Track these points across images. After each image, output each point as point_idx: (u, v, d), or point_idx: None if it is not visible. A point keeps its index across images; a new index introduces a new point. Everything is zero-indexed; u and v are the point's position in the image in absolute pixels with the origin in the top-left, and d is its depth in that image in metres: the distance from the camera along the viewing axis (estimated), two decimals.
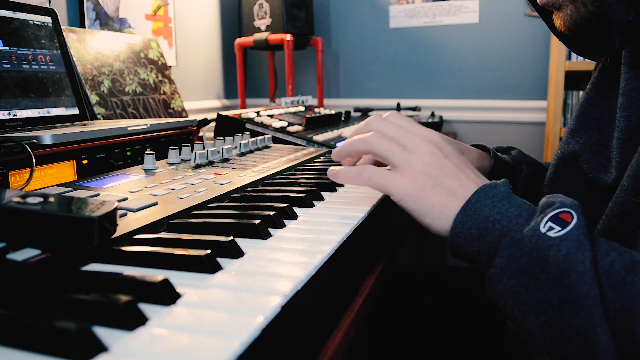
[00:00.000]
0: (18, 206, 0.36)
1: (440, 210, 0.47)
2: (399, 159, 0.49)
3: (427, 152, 0.49)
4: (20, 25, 0.80)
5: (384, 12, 2.19)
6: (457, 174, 0.48)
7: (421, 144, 0.50)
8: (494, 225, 0.43)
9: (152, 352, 0.25)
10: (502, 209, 0.43)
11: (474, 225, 0.44)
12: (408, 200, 0.48)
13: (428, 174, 0.48)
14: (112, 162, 0.71)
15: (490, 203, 0.44)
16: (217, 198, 0.56)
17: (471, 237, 0.44)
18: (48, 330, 0.25)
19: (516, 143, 2.01)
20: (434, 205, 0.47)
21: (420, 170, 0.48)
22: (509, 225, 0.42)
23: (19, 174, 0.56)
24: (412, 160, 0.48)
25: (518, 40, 2.01)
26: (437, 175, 0.48)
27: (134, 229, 0.43)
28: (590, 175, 0.55)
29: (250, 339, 0.27)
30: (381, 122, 0.52)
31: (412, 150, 0.49)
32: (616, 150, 0.51)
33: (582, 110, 0.61)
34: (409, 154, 0.49)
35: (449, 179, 0.48)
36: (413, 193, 0.47)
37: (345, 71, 2.31)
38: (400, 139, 0.50)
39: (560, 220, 0.39)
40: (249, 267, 0.37)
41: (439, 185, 0.47)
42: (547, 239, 0.39)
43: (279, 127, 1.09)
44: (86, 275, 0.34)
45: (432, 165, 0.48)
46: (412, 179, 0.47)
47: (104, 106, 1.10)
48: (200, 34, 2.09)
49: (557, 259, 0.38)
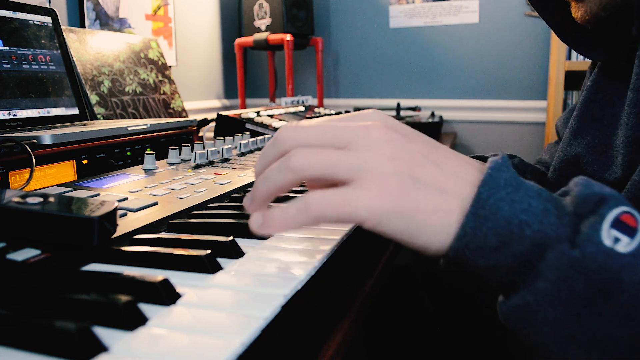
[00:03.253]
0: (18, 206, 0.36)
1: (436, 220, 0.32)
2: (350, 167, 0.33)
3: (382, 140, 0.34)
4: (20, 25, 0.80)
5: (384, 12, 2.19)
6: (434, 158, 0.35)
7: (367, 133, 0.34)
8: (522, 229, 0.30)
9: (152, 352, 0.25)
10: (523, 203, 0.31)
11: (492, 231, 0.31)
12: (389, 220, 0.32)
13: (399, 173, 0.33)
14: (112, 162, 0.71)
15: (507, 196, 0.31)
16: (217, 198, 0.56)
17: (487, 248, 0.31)
18: (48, 330, 0.25)
19: (516, 143, 2.02)
20: (426, 214, 0.32)
21: (386, 170, 0.33)
22: (544, 229, 0.30)
23: (19, 174, 0.56)
24: (369, 161, 0.33)
25: (518, 40, 2.01)
26: (411, 169, 0.33)
27: (134, 229, 0.43)
28: (595, 178, 0.54)
29: (250, 339, 0.27)
30: (293, 132, 0.36)
31: (359, 147, 0.34)
32: (623, 148, 0.50)
33: (583, 109, 0.60)
34: (359, 153, 0.33)
35: (428, 170, 0.34)
36: (393, 207, 0.32)
37: (345, 71, 2.31)
38: (334, 140, 0.35)
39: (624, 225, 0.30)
40: (249, 267, 0.37)
41: (420, 183, 0.33)
42: (617, 257, 0.29)
43: (278, 127, 1.09)
44: (86, 275, 0.34)
45: (398, 156, 0.33)
46: (383, 187, 0.32)
47: (104, 106, 1.10)
48: (200, 34, 2.09)
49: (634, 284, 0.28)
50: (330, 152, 0.34)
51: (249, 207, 0.37)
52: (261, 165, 0.38)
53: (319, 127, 0.36)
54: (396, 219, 0.32)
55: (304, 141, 0.35)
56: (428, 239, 0.33)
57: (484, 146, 2.10)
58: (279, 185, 0.35)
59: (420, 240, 0.33)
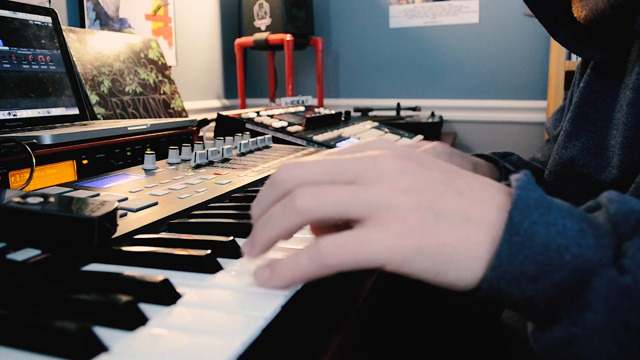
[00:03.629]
0: (18, 206, 0.36)
1: (464, 254, 0.30)
2: (362, 204, 0.30)
3: (394, 171, 0.31)
4: (20, 25, 0.80)
5: (384, 12, 2.19)
6: (454, 185, 0.32)
7: (376, 164, 0.31)
8: (561, 255, 0.28)
9: (152, 352, 0.25)
10: (558, 225, 0.28)
11: (530, 259, 0.28)
12: (413, 260, 0.30)
13: (418, 206, 0.30)
14: (112, 162, 0.71)
15: (540, 218, 0.29)
16: (217, 198, 0.56)
17: (525, 277, 0.28)
18: (48, 330, 0.25)
19: (516, 143, 2.02)
20: (453, 248, 0.30)
21: (403, 204, 0.30)
22: (584, 253, 0.28)
23: (19, 174, 0.56)
24: (383, 196, 0.30)
25: (518, 40, 2.01)
26: (430, 200, 0.30)
27: (134, 229, 0.43)
28: (593, 180, 0.54)
29: (250, 339, 0.27)
30: (293, 170, 0.33)
31: (369, 180, 0.31)
32: (621, 149, 0.50)
33: (576, 111, 0.59)
34: (371, 188, 0.31)
35: (449, 199, 0.31)
36: (415, 246, 0.29)
37: (345, 71, 2.31)
38: (339, 175, 0.32)
39: None
40: (249, 267, 0.37)
41: (442, 215, 0.30)
42: None
43: (279, 127, 1.09)
44: (86, 275, 0.34)
45: (414, 188, 0.31)
46: (403, 224, 0.29)
47: (104, 106, 1.10)
48: (200, 34, 2.09)
49: None
50: (339, 189, 0.31)
51: (249, 254, 0.34)
52: (260, 209, 0.34)
53: (321, 162, 0.32)
54: (421, 258, 0.29)
55: (306, 179, 0.32)
56: (457, 275, 0.30)
57: (484, 146, 2.10)
58: (283, 229, 0.32)
59: (449, 277, 0.30)
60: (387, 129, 1.43)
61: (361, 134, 1.26)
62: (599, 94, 0.57)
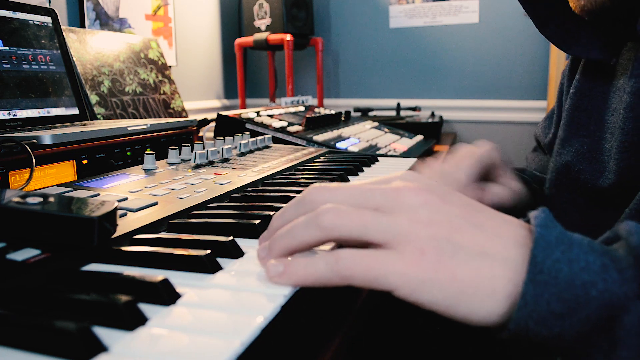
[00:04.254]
0: (18, 206, 0.36)
1: (479, 288, 0.30)
2: (383, 230, 0.31)
3: (416, 203, 0.32)
4: (20, 25, 0.80)
5: (384, 12, 2.19)
6: (474, 220, 0.32)
7: (399, 196, 0.33)
8: (588, 291, 0.28)
9: (152, 352, 0.25)
10: (580, 261, 0.29)
11: (556, 297, 0.28)
12: (425, 290, 0.30)
13: (436, 238, 0.31)
14: (112, 162, 0.71)
15: (562, 255, 0.29)
16: (217, 198, 0.56)
17: (552, 315, 0.28)
18: (48, 330, 0.25)
19: (516, 143, 2.02)
20: (467, 282, 0.30)
21: (422, 235, 0.31)
22: (609, 288, 0.28)
23: (19, 174, 0.56)
24: (403, 225, 0.31)
25: (518, 40, 2.01)
26: (448, 233, 0.31)
27: (134, 229, 0.43)
28: (589, 185, 0.54)
29: (250, 339, 0.27)
30: (322, 192, 0.35)
31: (392, 210, 0.32)
32: (618, 153, 0.49)
33: (569, 117, 0.59)
34: (393, 217, 0.32)
35: (468, 233, 0.31)
36: (429, 275, 0.30)
37: (345, 71, 2.31)
38: (364, 202, 0.33)
39: None
40: (249, 267, 0.37)
41: (460, 250, 0.30)
42: None
43: (279, 127, 1.09)
44: (86, 275, 0.34)
45: (434, 220, 0.31)
46: (419, 253, 0.30)
47: (104, 106, 1.10)
48: (200, 34, 2.09)
49: None
50: (363, 213, 0.32)
51: (263, 259, 0.35)
52: (282, 221, 0.36)
53: (349, 189, 0.34)
54: (432, 289, 0.30)
55: (333, 201, 0.34)
56: (470, 309, 0.30)
57: None
58: (304, 241, 0.33)
59: (461, 311, 0.30)
60: (387, 129, 1.43)
61: (361, 134, 1.26)
62: (590, 99, 0.57)
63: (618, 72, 0.54)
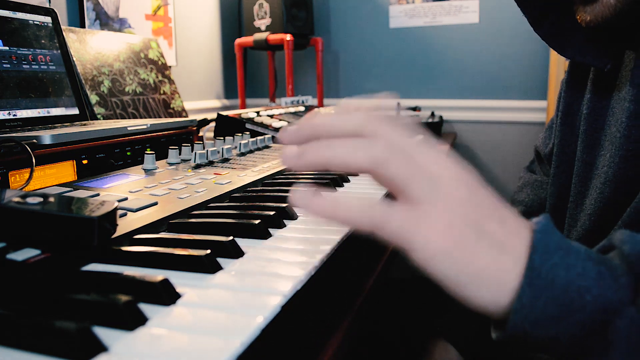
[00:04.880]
0: (18, 206, 0.36)
1: (491, 276, 0.31)
2: (425, 187, 0.31)
3: (462, 181, 0.32)
4: (20, 25, 0.80)
5: (384, 12, 2.19)
6: (500, 214, 0.33)
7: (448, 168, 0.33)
8: (582, 296, 0.29)
9: (152, 352, 0.25)
10: (577, 267, 0.30)
11: (551, 301, 0.29)
12: (442, 262, 0.31)
13: (468, 217, 0.31)
14: (112, 162, 0.71)
15: (560, 260, 0.30)
16: (217, 198, 0.56)
17: (548, 318, 0.30)
18: (48, 330, 0.25)
19: (516, 143, 2.02)
20: (481, 268, 0.31)
21: (457, 210, 0.31)
22: (604, 293, 0.29)
23: (19, 174, 0.56)
24: (444, 195, 0.31)
25: (518, 40, 2.01)
26: (479, 219, 0.32)
27: (134, 229, 0.43)
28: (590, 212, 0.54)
29: (250, 339, 0.27)
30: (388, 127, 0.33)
31: (440, 176, 0.32)
32: (619, 164, 0.49)
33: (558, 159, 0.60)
34: (438, 183, 0.32)
35: (494, 224, 0.32)
36: (450, 249, 0.30)
37: (345, 71, 2.30)
38: (418, 157, 0.32)
39: None
40: (249, 267, 0.37)
41: (485, 237, 0.31)
42: None
43: (279, 127, 1.09)
44: (86, 275, 0.34)
45: (470, 200, 0.32)
46: (448, 227, 0.31)
47: (104, 106, 1.10)
48: (200, 34, 2.09)
49: None
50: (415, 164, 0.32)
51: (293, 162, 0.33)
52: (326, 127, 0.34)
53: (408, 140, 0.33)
54: (449, 263, 0.31)
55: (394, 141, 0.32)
56: (477, 292, 0.31)
57: (484, 146, 2.10)
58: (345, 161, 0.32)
59: (468, 291, 0.31)
60: None
61: None
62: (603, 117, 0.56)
63: (620, 83, 0.54)
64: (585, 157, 0.57)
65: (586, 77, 0.60)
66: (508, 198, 2.39)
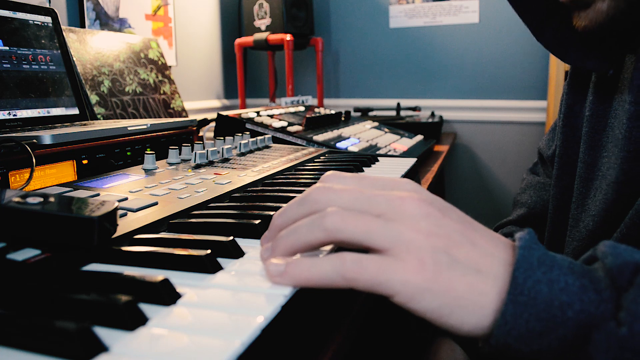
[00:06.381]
0: (18, 206, 0.36)
1: (471, 301, 0.31)
2: (386, 236, 0.32)
3: (418, 214, 0.33)
4: (20, 25, 0.80)
5: (384, 12, 2.19)
6: (469, 236, 0.34)
7: (403, 205, 0.34)
8: (564, 311, 0.30)
9: (152, 352, 0.25)
10: (560, 282, 0.30)
11: (534, 317, 0.30)
12: (422, 298, 0.31)
13: (435, 249, 0.32)
14: (112, 162, 0.71)
15: (543, 276, 0.30)
16: (217, 198, 0.56)
17: (531, 334, 0.30)
18: (48, 330, 0.25)
19: (516, 143, 2.02)
20: (460, 294, 0.31)
21: (424, 245, 0.32)
22: (586, 308, 0.29)
23: (19, 174, 0.56)
24: (405, 234, 0.32)
25: (518, 40, 2.01)
26: (447, 246, 0.32)
27: (134, 229, 0.43)
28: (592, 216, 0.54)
29: (250, 339, 0.27)
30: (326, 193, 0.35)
31: (394, 218, 0.33)
32: (622, 165, 0.49)
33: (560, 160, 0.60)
34: (396, 224, 0.33)
35: (464, 249, 0.33)
36: (427, 285, 0.31)
37: (345, 71, 2.31)
38: (368, 207, 0.34)
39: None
40: (249, 267, 0.37)
41: (456, 263, 0.32)
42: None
43: (279, 127, 1.09)
44: (86, 275, 0.34)
45: (434, 232, 0.33)
46: (419, 263, 0.31)
47: (104, 106, 1.10)
48: (200, 34, 2.09)
49: None
50: (367, 218, 0.33)
51: (266, 260, 0.35)
52: (284, 220, 0.37)
53: (353, 191, 0.35)
54: (429, 297, 0.31)
55: (337, 203, 0.34)
56: (460, 319, 0.32)
57: (484, 146, 2.10)
58: (307, 242, 0.34)
59: (452, 320, 0.32)
60: (387, 129, 1.43)
61: (361, 134, 1.26)
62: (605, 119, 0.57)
63: (622, 85, 0.54)
64: (588, 158, 0.57)
65: (588, 80, 0.60)
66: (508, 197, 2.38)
